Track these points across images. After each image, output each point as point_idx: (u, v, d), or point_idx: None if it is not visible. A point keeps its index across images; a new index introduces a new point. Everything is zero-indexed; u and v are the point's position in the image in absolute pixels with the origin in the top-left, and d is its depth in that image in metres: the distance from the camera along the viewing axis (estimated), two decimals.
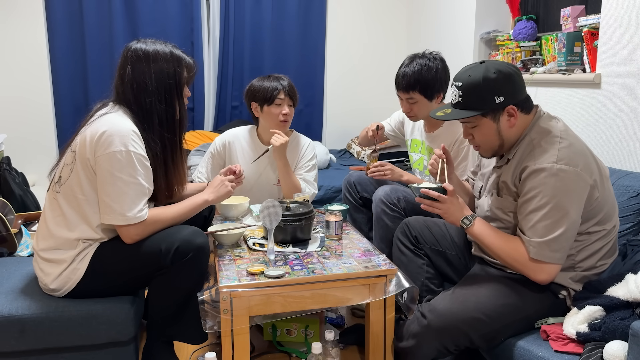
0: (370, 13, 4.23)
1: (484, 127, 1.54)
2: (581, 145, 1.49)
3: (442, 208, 1.56)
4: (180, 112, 1.70)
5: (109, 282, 1.60)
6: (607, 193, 1.53)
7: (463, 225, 1.57)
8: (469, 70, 1.52)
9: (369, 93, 4.28)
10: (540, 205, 1.42)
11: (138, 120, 1.61)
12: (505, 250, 1.49)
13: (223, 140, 2.44)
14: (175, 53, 1.67)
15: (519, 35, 2.86)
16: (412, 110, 2.20)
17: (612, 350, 1.22)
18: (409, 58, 2.17)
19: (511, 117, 1.51)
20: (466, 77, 1.51)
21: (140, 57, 1.61)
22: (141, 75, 1.61)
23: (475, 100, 1.50)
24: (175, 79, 1.65)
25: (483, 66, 1.50)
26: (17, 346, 1.54)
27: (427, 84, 2.11)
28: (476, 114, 1.50)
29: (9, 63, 3.64)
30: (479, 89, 1.48)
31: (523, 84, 1.54)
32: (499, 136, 1.54)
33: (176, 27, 3.83)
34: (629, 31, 2.06)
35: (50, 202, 1.61)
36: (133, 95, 1.62)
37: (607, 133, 2.20)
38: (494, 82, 1.48)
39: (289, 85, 2.31)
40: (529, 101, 1.55)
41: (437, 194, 1.55)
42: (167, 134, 1.67)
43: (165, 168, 1.70)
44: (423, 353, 1.54)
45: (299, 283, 1.58)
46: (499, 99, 1.48)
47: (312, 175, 2.42)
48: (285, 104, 2.30)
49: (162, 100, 1.63)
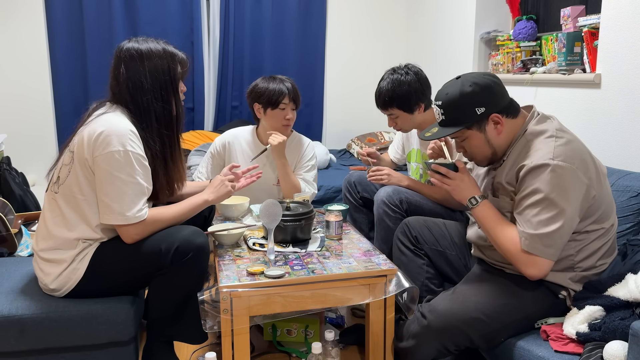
0: (370, 13, 4.23)
1: (472, 138, 1.56)
2: (577, 143, 1.50)
3: (452, 184, 1.58)
4: (176, 108, 1.69)
5: (109, 282, 1.60)
6: (605, 191, 1.53)
7: (469, 204, 1.57)
8: (445, 88, 1.56)
9: (369, 93, 4.24)
10: (537, 201, 1.43)
11: (136, 120, 1.61)
12: (501, 238, 1.50)
13: (223, 140, 2.44)
14: (168, 49, 1.66)
15: (519, 35, 2.86)
16: (396, 124, 2.25)
17: (612, 350, 1.22)
18: (385, 74, 2.22)
19: (497, 125, 1.54)
20: (444, 96, 1.55)
21: (134, 56, 1.61)
22: (136, 74, 1.61)
23: (457, 115, 1.53)
24: (170, 75, 1.65)
25: (459, 82, 1.54)
26: (17, 346, 1.54)
27: (402, 99, 2.15)
28: (460, 128, 1.54)
29: (9, 62, 3.64)
30: (458, 104, 1.52)
31: (503, 91, 1.55)
32: (489, 145, 1.56)
33: (176, 27, 3.83)
34: (629, 31, 2.06)
35: (49, 202, 1.61)
36: (129, 95, 1.61)
37: (607, 133, 2.20)
38: (471, 95, 1.51)
39: (293, 89, 2.31)
40: (512, 106, 1.56)
41: (446, 169, 1.57)
42: (166, 131, 1.67)
43: (165, 165, 1.69)
44: (423, 353, 1.54)
45: (299, 283, 1.58)
46: (480, 110, 1.51)
47: (311, 175, 2.42)
48: (289, 108, 2.30)
49: (158, 97, 1.63)
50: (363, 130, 4.25)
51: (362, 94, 4.23)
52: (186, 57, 1.73)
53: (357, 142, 4.07)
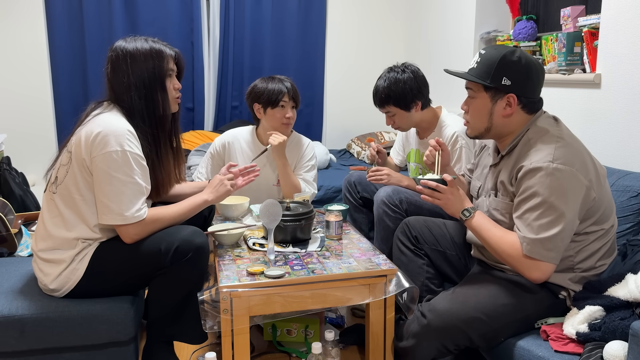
0: (370, 13, 4.23)
1: (479, 101, 1.57)
2: (578, 145, 1.49)
3: (442, 199, 1.59)
4: (163, 107, 1.67)
5: (109, 282, 1.60)
6: (604, 193, 1.52)
7: (462, 216, 1.58)
8: (499, 46, 1.56)
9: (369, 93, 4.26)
10: (536, 205, 1.42)
11: (130, 119, 1.61)
12: (501, 245, 1.49)
13: (222, 140, 2.44)
14: (155, 47, 1.65)
15: (519, 35, 2.86)
16: (394, 122, 2.26)
17: (612, 351, 1.22)
18: (382, 73, 2.24)
19: (508, 107, 1.53)
20: (491, 49, 1.55)
21: (119, 56, 1.61)
22: (120, 73, 1.61)
23: (486, 71, 1.53)
24: (154, 73, 1.64)
25: (512, 48, 1.54)
26: (17, 346, 1.54)
27: (398, 97, 2.17)
28: (480, 83, 1.53)
29: (9, 62, 3.64)
30: (494, 62, 1.52)
31: (539, 85, 1.55)
32: (489, 118, 1.56)
33: (176, 27, 3.83)
34: (629, 31, 2.06)
35: (48, 202, 1.61)
36: (115, 94, 1.63)
37: (607, 133, 2.19)
38: (510, 64, 1.50)
39: (292, 88, 2.32)
40: (536, 103, 1.56)
41: (435, 183, 1.57)
42: (152, 129, 1.66)
43: (152, 165, 1.67)
44: (423, 353, 1.54)
45: (299, 283, 1.58)
46: (506, 81, 1.50)
47: (311, 175, 2.42)
48: (289, 107, 2.31)
49: (142, 96, 1.62)
50: (363, 130, 4.25)
51: (362, 94, 4.23)
52: (176, 53, 1.72)
53: (357, 142, 4.07)
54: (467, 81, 1.59)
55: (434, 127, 2.28)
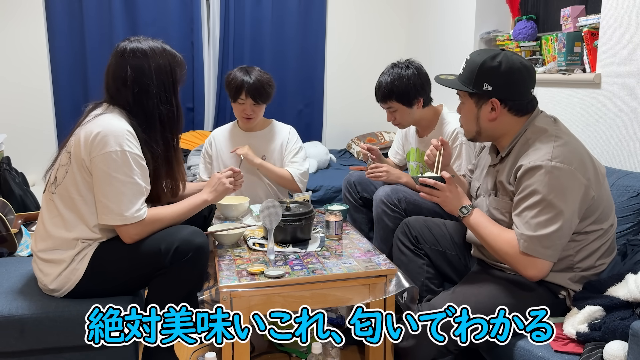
0: (370, 13, 4.23)
1: (467, 106, 1.59)
2: (576, 144, 1.49)
3: (441, 196, 1.60)
4: (177, 110, 1.69)
5: (109, 282, 1.60)
6: (604, 192, 1.52)
7: (460, 214, 1.58)
8: (483, 51, 1.57)
9: (369, 93, 4.24)
10: (535, 203, 1.42)
11: (137, 122, 1.61)
12: (498, 242, 1.50)
13: (209, 138, 2.54)
14: (167, 49, 1.67)
15: (519, 35, 2.86)
16: (395, 118, 2.26)
17: (612, 350, 1.22)
18: (386, 68, 2.24)
19: (493, 111, 1.54)
20: (475, 55, 1.56)
21: (139, 58, 1.60)
22: (142, 77, 1.60)
23: (469, 77, 1.55)
24: (172, 77, 1.65)
25: (494, 52, 1.54)
26: (17, 346, 1.54)
27: (401, 92, 2.17)
28: (464, 89, 1.55)
29: (9, 63, 3.63)
30: (475, 69, 1.53)
31: (526, 87, 1.54)
32: (476, 123, 1.58)
33: (176, 27, 3.83)
34: (629, 31, 2.06)
35: (47, 203, 1.61)
36: (133, 97, 1.60)
37: (607, 133, 2.19)
38: (490, 69, 1.51)
39: (255, 84, 2.27)
40: (525, 105, 1.55)
41: (433, 181, 1.59)
42: (169, 133, 1.67)
43: (168, 167, 1.70)
44: (423, 353, 1.54)
45: (299, 283, 1.58)
46: (487, 87, 1.52)
47: (300, 156, 2.45)
48: (247, 103, 2.32)
49: (163, 100, 1.63)
50: (363, 130, 4.25)
51: (362, 94, 4.23)
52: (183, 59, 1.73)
53: (357, 142, 4.07)
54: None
55: (434, 125, 2.28)
